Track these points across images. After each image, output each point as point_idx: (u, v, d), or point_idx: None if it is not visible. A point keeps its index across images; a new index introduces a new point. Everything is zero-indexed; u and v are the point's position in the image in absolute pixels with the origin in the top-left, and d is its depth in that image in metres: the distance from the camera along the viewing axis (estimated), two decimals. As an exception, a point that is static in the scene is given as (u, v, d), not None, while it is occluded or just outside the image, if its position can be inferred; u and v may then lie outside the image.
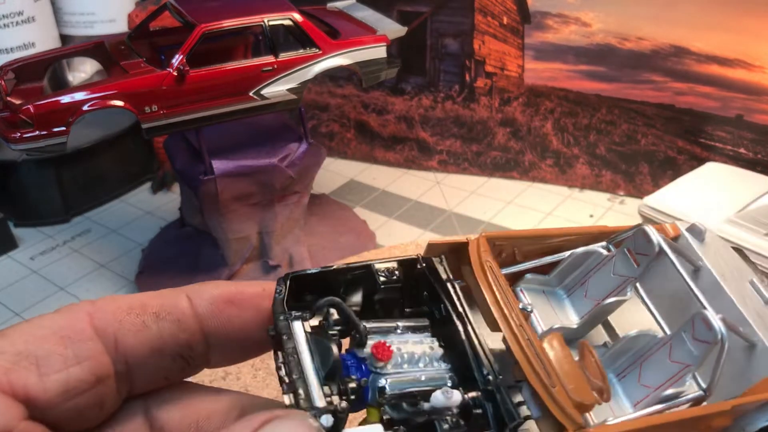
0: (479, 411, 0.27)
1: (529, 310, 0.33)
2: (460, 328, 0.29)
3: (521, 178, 0.88)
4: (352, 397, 0.26)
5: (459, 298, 0.29)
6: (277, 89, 0.64)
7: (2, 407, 0.22)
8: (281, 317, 0.28)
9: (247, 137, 0.69)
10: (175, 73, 0.59)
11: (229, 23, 0.62)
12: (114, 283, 0.73)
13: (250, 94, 0.63)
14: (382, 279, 0.30)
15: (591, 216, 0.80)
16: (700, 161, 0.76)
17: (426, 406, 0.27)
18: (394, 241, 0.77)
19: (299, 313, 0.28)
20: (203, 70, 0.61)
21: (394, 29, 0.69)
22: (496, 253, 0.35)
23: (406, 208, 0.84)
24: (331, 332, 0.28)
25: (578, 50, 0.80)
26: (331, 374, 0.26)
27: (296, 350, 0.27)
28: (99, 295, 0.72)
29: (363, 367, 0.27)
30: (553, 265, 0.36)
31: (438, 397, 0.27)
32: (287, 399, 0.25)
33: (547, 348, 0.28)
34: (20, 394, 0.23)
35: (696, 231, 0.38)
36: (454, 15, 0.84)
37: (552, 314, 0.35)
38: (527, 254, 0.36)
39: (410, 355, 0.29)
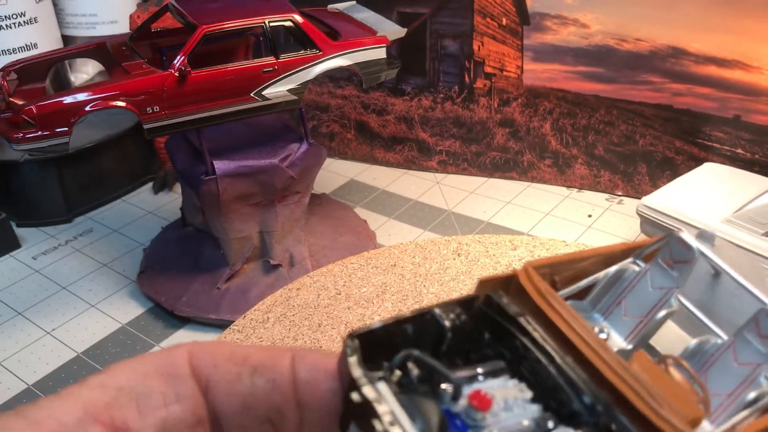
0: None
1: (605, 333, 0.30)
2: (546, 359, 0.26)
3: (520, 178, 0.88)
4: None
5: (535, 329, 0.27)
6: (277, 90, 0.64)
7: None
8: (363, 379, 0.24)
9: (248, 138, 0.70)
10: (176, 74, 0.60)
11: (230, 24, 0.62)
12: (116, 283, 0.74)
13: (251, 94, 0.63)
14: (447, 325, 0.27)
15: (589, 216, 0.80)
16: (698, 161, 0.77)
17: None
18: (394, 241, 0.78)
19: (379, 373, 0.25)
20: (204, 71, 0.61)
21: (394, 30, 0.70)
22: (554, 272, 0.33)
23: (405, 208, 0.84)
24: (420, 389, 0.25)
25: (577, 51, 0.81)
26: None
27: (394, 414, 0.23)
28: (101, 294, 0.72)
29: (459, 423, 0.24)
30: (587, 290, 0.34)
31: None
32: None
33: (636, 368, 0.26)
34: (120, 430, 0.22)
35: (707, 237, 0.37)
36: (453, 16, 0.84)
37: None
38: (564, 280, 0.34)
39: (504, 401, 0.25)
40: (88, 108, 0.58)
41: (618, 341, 0.33)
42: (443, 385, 0.24)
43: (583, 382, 0.25)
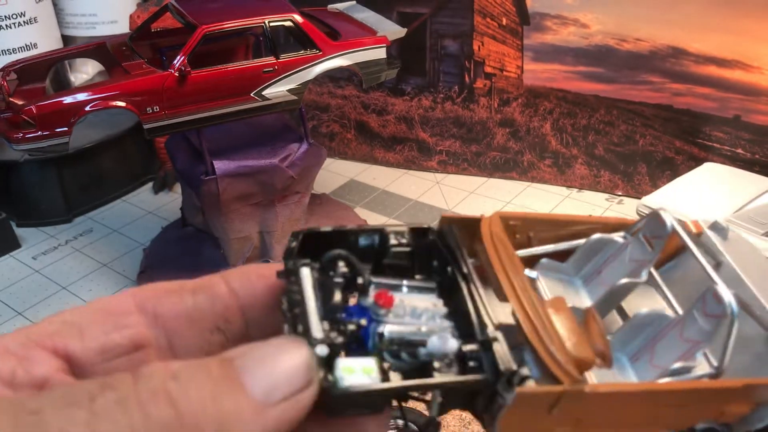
0: (475, 363, 0.27)
1: (535, 276, 0.32)
2: (464, 286, 0.29)
3: (520, 178, 0.88)
4: (351, 339, 0.27)
5: (465, 262, 0.30)
6: (277, 90, 0.64)
7: (40, 359, 0.24)
8: (290, 263, 0.28)
9: (248, 138, 0.70)
10: (176, 74, 0.60)
11: (230, 24, 0.62)
12: (116, 283, 0.74)
13: (251, 94, 0.63)
14: (392, 242, 0.30)
15: (589, 216, 0.80)
16: (698, 161, 0.77)
17: (423, 351, 0.27)
18: (394, 241, 0.78)
19: (307, 261, 0.29)
20: (204, 71, 0.61)
21: (394, 30, 0.70)
22: (510, 233, 0.34)
23: (405, 208, 0.84)
24: (336, 280, 0.28)
25: (577, 51, 0.81)
26: (332, 317, 0.27)
27: (301, 291, 0.27)
28: (101, 294, 0.72)
29: (366, 315, 0.28)
30: (569, 253, 0.36)
31: (434, 342, 0.27)
32: (285, 329, 0.25)
33: (550, 311, 0.28)
34: (60, 352, 0.24)
35: (719, 229, 0.37)
36: (453, 16, 0.84)
37: (566, 299, 0.35)
38: (543, 240, 0.36)
39: (413, 308, 0.29)
40: (88, 108, 0.58)
41: (585, 302, 0.34)
42: (359, 280, 0.28)
43: (485, 310, 0.27)
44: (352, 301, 0.28)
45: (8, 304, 0.72)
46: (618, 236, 0.35)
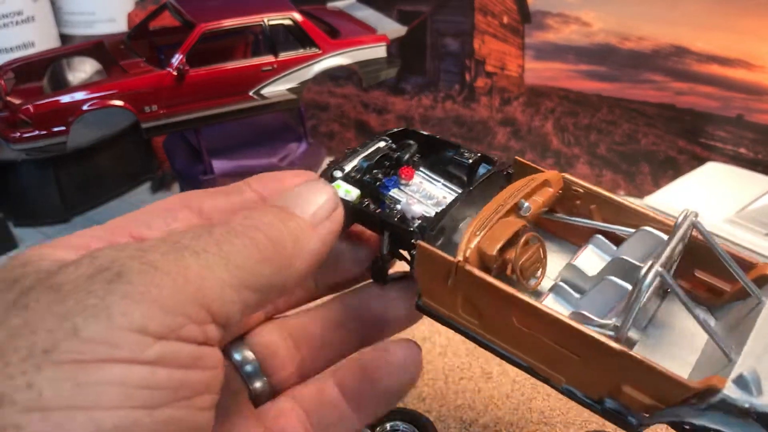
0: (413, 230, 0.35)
1: (525, 206, 0.36)
2: (456, 194, 0.38)
3: (521, 177, 0.88)
4: (374, 183, 0.38)
5: (480, 182, 0.37)
6: (276, 89, 0.64)
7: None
8: (376, 135, 0.40)
9: (246, 137, 0.69)
10: (174, 73, 0.59)
11: (228, 23, 0.62)
12: (113, 283, 0.73)
13: (250, 93, 0.63)
14: (457, 155, 0.40)
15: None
16: (700, 161, 0.76)
17: (397, 207, 0.36)
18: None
19: (388, 139, 0.41)
20: (203, 70, 0.61)
21: (394, 29, 0.69)
22: (570, 197, 0.39)
23: (406, 208, 0.84)
24: (401, 155, 0.39)
25: (579, 50, 0.80)
26: (372, 172, 0.38)
27: (364, 148, 0.39)
28: (98, 295, 0.72)
29: (392, 181, 0.38)
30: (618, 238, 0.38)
31: (404, 204, 0.36)
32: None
33: (502, 220, 0.34)
34: (136, 238, 0.30)
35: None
36: (454, 15, 0.84)
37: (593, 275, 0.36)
38: (603, 218, 0.39)
39: (426, 192, 0.38)
40: (85, 107, 0.58)
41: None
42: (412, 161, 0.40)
43: (449, 209, 0.35)
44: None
45: (5, 305, 0.71)
46: (665, 236, 0.37)
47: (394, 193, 0.38)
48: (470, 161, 0.39)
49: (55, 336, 0.22)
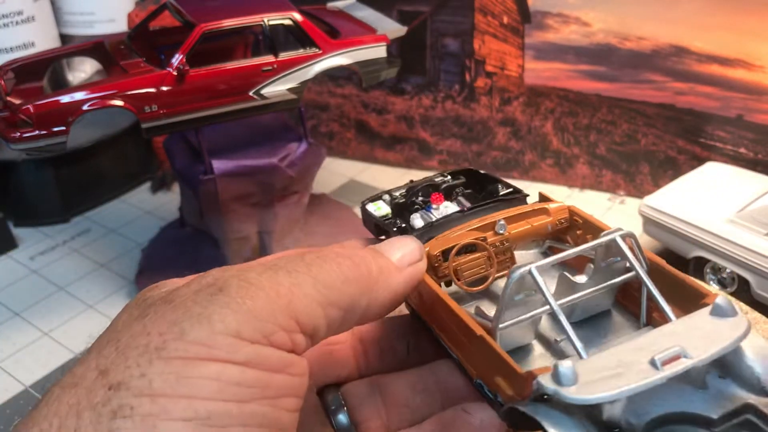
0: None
1: (500, 222, 0.40)
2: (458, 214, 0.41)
3: (521, 177, 0.88)
4: (407, 206, 0.43)
5: (482, 205, 0.41)
6: (277, 89, 0.64)
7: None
8: (438, 174, 0.45)
9: (246, 137, 0.69)
10: (174, 73, 0.59)
11: (229, 23, 0.61)
12: (114, 283, 0.73)
13: (250, 93, 0.63)
14: (495, 190, 0.44)
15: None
16: (700, 161, 0.76)
17: (411, 221, 0.41)
18: (394, 241, 0.77)
19: (447, 175, 0.45)
20: (203, 70, 0.61)
21: (394, 29, 0.69)
22: (574, 227, 0.41)
23: (406, 208, 0.84)
24: (442, 186, 0.44)
25: (578, 50, 0.80)
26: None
27: (415, 181, 0.44)
28: (99, 295, 0.72)
29: (427, 208, 0.43)
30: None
31: (413, 218, 0.41)
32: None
33: (468, 233, 0.39)
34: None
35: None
36: (454, 15, 0.84)
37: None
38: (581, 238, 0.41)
39: (448, 211, 0.42)
40: (85, 107, 0.58)
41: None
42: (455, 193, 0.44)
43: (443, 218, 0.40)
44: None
45: (6, 305, 0.71)
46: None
47: (418, 213, 0.42)
48: (499, 193, 0.43)
49: (165, 337, 0.27)
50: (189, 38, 0.60)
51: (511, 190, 0.44)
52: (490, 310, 0.35)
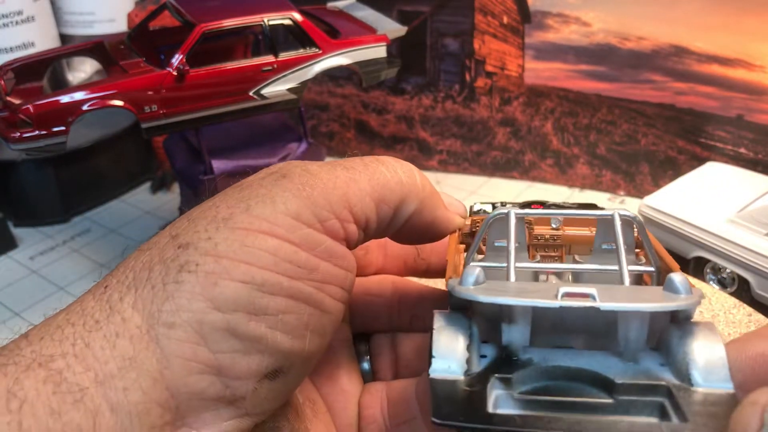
0: None
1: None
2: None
3: (521, 178, 0.88)
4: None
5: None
6: (277, 89, 0.63)
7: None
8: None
9: (246, 137, 0.69)
10: (174, 73, 0.59)
11: (228, 23, 0.61)
12: (113, 283, 0.73)
13: (250, 93, 0.63)
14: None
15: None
16: (700, 161, 0.76)
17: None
18: (394, 241, 0.77)
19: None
20: (203, 70, 0.60)
21: (394, 29, 0.69)
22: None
23: (406, 208, 0.84)
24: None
25: (578, 50, 0.80)
26: None
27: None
28: (98, 295, 0.72)
29: None
30: None
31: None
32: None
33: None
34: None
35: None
36: (454, 14, 0.84)
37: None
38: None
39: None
40: (85, 107, 0.58)
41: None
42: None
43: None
44: None
45: (5, 305, 0.71)
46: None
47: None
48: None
49: (232, 210, 0.30)
50: (189, 38, 0.60)
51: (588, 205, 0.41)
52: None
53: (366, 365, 0.43)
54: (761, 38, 0.71)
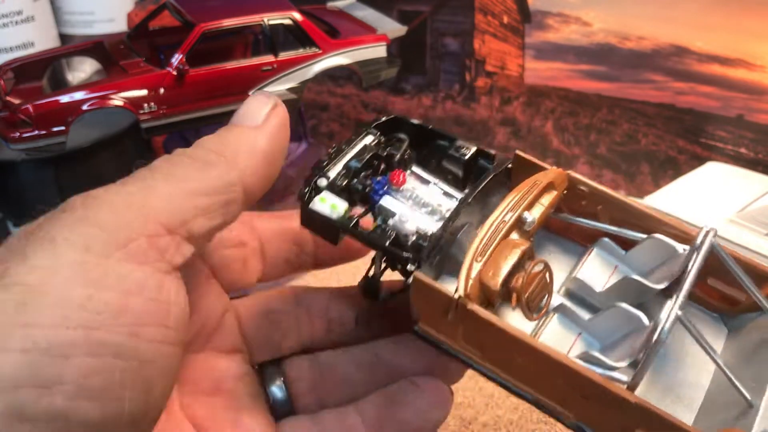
0: (407, 255, 0.31)
1: (529, 220, 0.34)
2: (457, 202, 0.34)
3: (521, 177, 0.88)
4: (363, 190, 0.34)
5: (482, 187, 0.34)
6: (276, 89, 0.63)
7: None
8: (364, 125, 0.37)
9: (246, 137, 0.69)
10: (174, 73, 0.59)
11: (228, 22, 0.61)
12: (113, 283, 0.73)
13: (250, 93, 0.63)
14: (457, 152, 0.37)
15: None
16: (700, 161, 0.76)
17: (390, 223, 0.33)
18: (394, 241, 0.77)
19: (376, 132, 0.37)
20: (203, 70, 0.61)
21: (394, 28, 0.69)
22: (576, 197, 0.36)
23: (406, 208, 0.84)
24: (390, 153, 0.35)
25: (579, 50, 0.80)
26: (360, 175, 0.34)
27: (345, 146, 0.35)
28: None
29: (381, 185, 0.34)
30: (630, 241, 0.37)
31: (396, 220, 0.33)
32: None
33: (503, 245, 0.31)
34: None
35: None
36: (454, 14, 0.84)
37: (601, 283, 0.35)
38: (611, 219, 0.37)
39: (419, 198, 0.35)
40: (85, 107, 0.58)
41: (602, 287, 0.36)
42: (403, 159, 0.36)
43: (450, 223, 0.32)
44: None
45: (5, 305, 0.71)
46: (679, 246, 0.34)
47: (385, 202, 0.34)
48: (466, 157, 0.37)
49: (7, 264, 0.25)
50: (189, 38, 0.60)
51: (477, 150, 0.37)
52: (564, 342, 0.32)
53: (279, 394, 0.37)
54: (761, 38, 0.71)
